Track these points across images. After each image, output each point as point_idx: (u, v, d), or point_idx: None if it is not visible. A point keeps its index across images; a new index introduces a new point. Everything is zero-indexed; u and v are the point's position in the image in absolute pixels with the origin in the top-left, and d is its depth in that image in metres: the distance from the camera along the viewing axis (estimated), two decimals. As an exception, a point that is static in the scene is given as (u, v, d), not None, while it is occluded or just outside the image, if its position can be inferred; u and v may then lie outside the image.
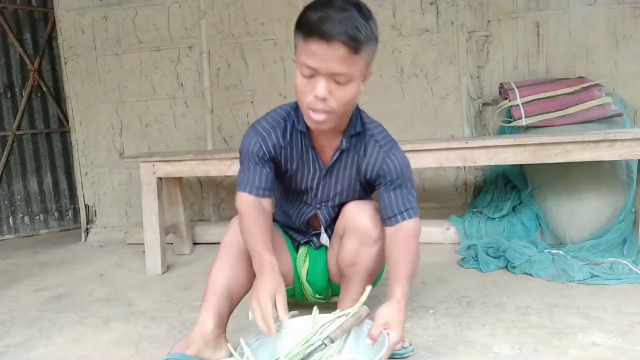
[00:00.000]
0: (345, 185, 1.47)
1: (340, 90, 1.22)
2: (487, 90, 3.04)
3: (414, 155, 2.29)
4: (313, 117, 1.26)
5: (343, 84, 1.22)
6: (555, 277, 1.98)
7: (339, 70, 1.19)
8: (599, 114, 2.56)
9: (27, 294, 2.29)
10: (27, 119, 3.78)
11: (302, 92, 1.25)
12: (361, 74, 1.25)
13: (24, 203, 3.82)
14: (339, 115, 1.28)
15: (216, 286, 1.38)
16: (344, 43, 1.16)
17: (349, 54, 1.17)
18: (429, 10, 3.05)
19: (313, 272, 1.59)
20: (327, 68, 1.18)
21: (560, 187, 2.48)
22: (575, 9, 2.89)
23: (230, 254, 1.41)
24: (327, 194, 1.49)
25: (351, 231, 1.44)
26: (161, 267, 2.48)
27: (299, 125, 1.40)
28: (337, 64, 1.18)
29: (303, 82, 1.24)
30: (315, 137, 1.42)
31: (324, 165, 1.44)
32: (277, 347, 1.30)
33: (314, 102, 1.23)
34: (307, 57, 1.19)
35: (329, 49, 1.16)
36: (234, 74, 3.31)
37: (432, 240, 2.66)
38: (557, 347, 1.42)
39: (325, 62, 1.18)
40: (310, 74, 1.21)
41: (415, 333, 1.56)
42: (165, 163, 2.49)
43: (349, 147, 1.41)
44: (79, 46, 3.45)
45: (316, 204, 1.52)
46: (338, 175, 1.46)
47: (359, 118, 1.42)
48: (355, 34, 1.16)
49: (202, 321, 1.35)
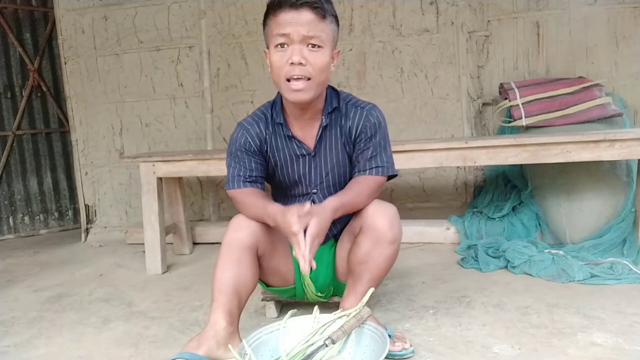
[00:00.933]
0: (335, 160, 1.53)
1: (313, 57, 1.32)
2: (487, 90, 3.04)
3: (414, 155, 2.30)
4: (292, 86, 1.34)
5: (315, 50, 1.32)
6: (555, 277, 1.98)
7: (309, 33, 1.30)
8: (599, 114, 2.56)
9: (27, 294, 2.29)
10: (27, 119, 3.79)
11: (278, 67, 1.34)
12: (330, 46, 1.36)
13: (24, 203, 3.82)
14: (316, 83, 1.36)
15: (223, 285, 1.37)
16: (311, 7, 1.30)
17: (316, 18, 1.31)
18: (429, 10, 3.05)
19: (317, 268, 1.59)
20: (299, 32, 1.30)
21: (560, 187, 2.48)
22: (575, 9, 2.89)
23: (233, 252, 1.41)
24: (320, 174, 1.54)
25: (367, 229, 1.44)
26: (161, 267, 2.48)
27: (278, 118, 1.50)
28: (308, 27, 1.30)
29: (278, 57, 1.33)
30: (293, 126, 1.51)
31: (310, 149, 1.52)
32: (278, 346, 1.30)
33: (292, 69, 1.32)
34: (279, 27, 1.31)
35: (298, 14, 1.30)
36: (234, 74, 3.31)
37: (432, 240, 2.66)
38: (557, 347, 1.42)
39: (296, 26, 1.30)
40: (283, 44, 1.32)
41: (415, 333, 1.56)
42: (165, 163, 2.49)
43: (329, 123, 1.49)
44: (79, 46, 3.45)
45: (312, 190, 1.56)
46: (326, 153, 1.53)
47: (334, 95, 1.52)
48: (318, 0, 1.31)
49: (214, 320, 1.33)
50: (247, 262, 1.42)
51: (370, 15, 3.12)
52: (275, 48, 1.34)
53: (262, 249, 1.49)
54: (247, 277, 1.41)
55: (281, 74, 1.34)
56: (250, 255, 1.43)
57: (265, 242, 1.49)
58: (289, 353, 1.22)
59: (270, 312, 1.78)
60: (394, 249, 1.45)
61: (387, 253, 1.44)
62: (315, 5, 1.31)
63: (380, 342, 1.24)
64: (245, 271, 1.41)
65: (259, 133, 1.50)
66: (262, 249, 1.49)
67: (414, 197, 3.11)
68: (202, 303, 1.99)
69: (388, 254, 1.44)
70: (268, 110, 1.53)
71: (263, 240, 1.48)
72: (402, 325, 1.62)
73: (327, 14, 1.33)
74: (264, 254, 1.51)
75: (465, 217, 2.67)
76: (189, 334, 1.67)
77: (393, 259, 1.47)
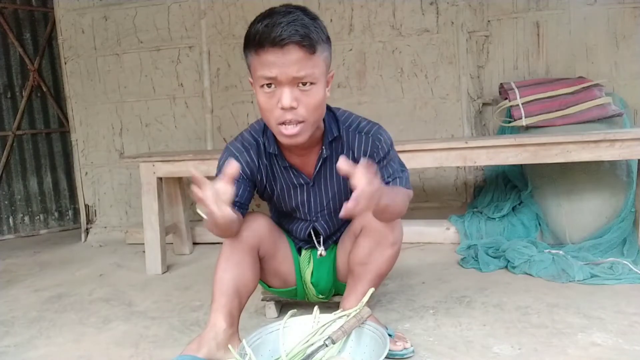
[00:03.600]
0: (335, 189, 1.46)
1: (306, 97, 1.18)
2: (487, 90, 3.04)
3: (414, 155, 2.30)
4: (285, 132, 1.21)
5: (307, 89, 1.18)
6: (555, 277, 1.97)
7: (299, 73, 1.15)
8: (599, 114, 2.56)
9: (27, 294, 2.29)
10: (27, 119, 3.79)
11: (267, 110, 1.21)
12: (323, 77, 1.21)
13: (24, 203, 3.82)
14: (311, 124, 1.24)
15: (223, 286, 1.35)
16: (298, 44, 1.13)
17: (305, 54, 1.15)
18: (429, 10, 3.05)
19: (318, 273, 1.59)
20: (287, 74, 1.14)
21: (560, 187, 2.48)
22: (575, 9, 2.89)
23: (235, 253, 1.40)
24: (319, 204, 1.49)
25: (368, 231, 1.42)
26: (161, 267, 2.48)
27: (270, 147, 1.38)
28: (296, 67, 1.14)
29: (265, 99, 1.19)
30: (289, 156, 1.40)
31: (308, 179, 1.43)
32: (278, 346, 1.30)
33: (282, 114, 1.18)
34: (263, 69, 1.16)
35: (284, 54, 1.13)
36: (234, 74, 3.31)
37: (432, 240, 2.66)
38: (557, 347, 1.42)
39: (283, 68, 1.14)
40: (270, 88, 1.17)
41: (415, 333, 1.56)
42: (165, 163, 2.48)
43: (330, 154, 1.39)
44: (79, 46, 3.45)
45: (311, 218, 1.52)
46: (326, 184, 1.45)
47: (332, 122, 1.38)
48: (306, 32, 1.14)
49: (214, 322, 1.32)
50: (248, 263, 1.41)
51: (370, 15, 3.12)
52: (261, 88, 1.20)
53: (264, 250, 1.49)
54: (248, 278, 1.40)
55: (271, 118, 1.22)
56: (252, 256, 1.42)
57: (267, 243, 1.49)
58: (289, 353, 1.22)
59: (270, 312, 1.78)
60: (395, 250, 1.45)
61: (388, 254, 1.43)
62: (303, 43, 1.13)
63: (381, 342, 1.24)
64: (246, 272, 1.40)
65: (249, 162, 1.39)
66: (263, 250, 1.49)
67: (414, 197, 3.08)
68: (202, 303, 1.99)
69: (389, 255, 1.44)
70: (260, 137, 1.40)
71: (265, 242, 1.48)
72: (402, 325, 1.62)
73: (318, 46, 1.17)
74: (265, 255, 1.51)
75: (465, 217, 2.67)
76: (189, 334, 1.67)
77: (394, 260, 1.47)
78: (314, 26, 1.16)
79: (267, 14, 1.17)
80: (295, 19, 1.14)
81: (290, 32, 1.12)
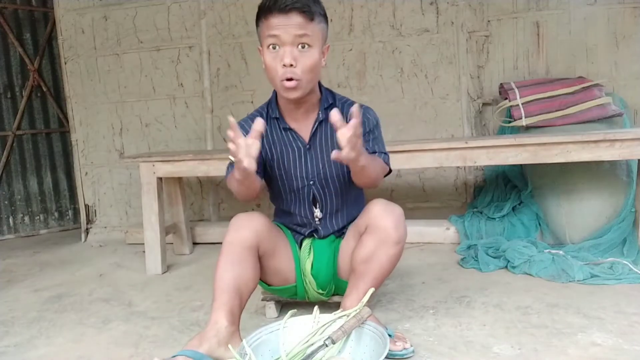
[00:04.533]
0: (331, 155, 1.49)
1: (303, 57, 1.39)
2: (487, 90, 3.04)
3: (414, 155, 2.30)
4: (286, 84, 1.40)
5: (305, 50, 1.40)
6: (555, 277, 1.98)
7: (298, 32, 1.37)
8: (599, 114, 2.56)
9: (27, 294, 2.29)
10: (27, 119, 3.79)
11: (272, 68, 1.41)
12: (320, 44, 1.42)
13: (24, 203, 3.82)
14: (306, 82, 1.42)
15: (224, 284, 1.38)
16: (299, 11, 1.37)
17: (305, 20, 1.38)
18: (429, 10, 3.05)
19: (318, 263, 1.60)
20: (289, 33, 1.37)
21: (560, 187, 2.48)
22: (575, 9, 2.89)
23: (235, 252, 1.42)
24: (316, 166, 1.56)
25: (373, 229, 1.45)
26: (161, 267, 2.48)
27: (273, 113, 1.57)
28: (297, 29, 1.37)
29: (271, 58, 1.41)
30: (289, 119, 1.56)
31: (305, 141, 1.56)
32: (278, 346, 1.30)
33: (284, 72, 1.39)
34: (270, 30, 1.39)
35: (288, 18, 1.37)
36: (234, 74, 3.31)
37: (432, 240, 2.66)
38: (557, 347, 1.42)
39: (286, 28, 1.37)
40: (275, 49, 1.39)
41: (415, 333, 1.56)
42: (165, 163, 2.49)
43: (325, 118, 1.53)
44: (79, 46, 3.45)
45: (309, 181, 1.57)
46: (322, 147, 1.55)
47: (329, 93, 1.59)
48: (306, 2, 1.38)
49: (215, 319, 1.34)
50: (249, 262, 1.43)
51: (370, 15, 3.12)
52: (267, 49, 1.41)
53: (264, 249, 1.50)
54: (248, 277, 1.42)
55: (275, 75, 1.42)
56: (252, 255, 1.44)
57: (266, 242, 1.50)
58: (289, 353, 1.22)
59: (270, 312, 1.78)
60: (399, 249, 1.46)
61: (392, 253, 1.45)
62: (303, 10, 1.38)
63: (381, 342, 1.24)
64: (246, 271, 1.42)
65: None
66: (263, 249, 1.50)
67: (414, 197, 3.11)
68: (202, 303, 1.99)
69: (392, 254, 1.45)
70: (264, 109, 1.60)
71: (265, 240, 1.49)
72: (402, 325, 1.62)
73: (315, 15, 1.40)
74: (265, 254, 1.52)
75: (465, 217, 2.67)
76: (189, 334, 1.67)
77: (397, 260, 1.48)
78: (313, 1, 1.41)
79: None
80: None
81: (293, 2, 1.37)
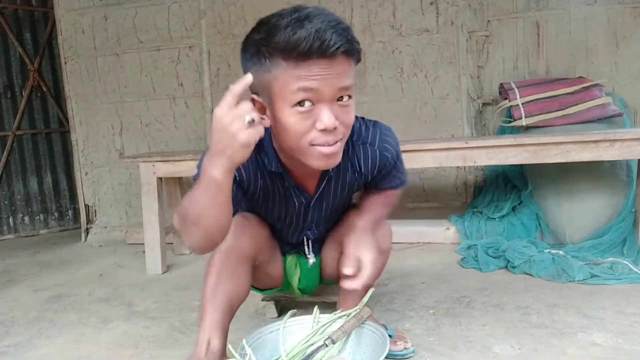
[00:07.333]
0: (336, 204, 1.39)
1: (344, 113, 1.02)
2: (487, 90, 3.04)
3: (414, 155, 2.30)
4: (325, 150, 1.03)
5: (347, 104, 1.02)
6: (555, 277, 1.97)
7: (343, 84, 0.99)
8: (599, 114, 2.56)
9: (27, 294, 2.29)
10: (27, 119, 3.79)
11: (299, 132, 1.01)
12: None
13: (24, 203, 3.82)
14: (345, 141, 1.09)
15: (217, 300, 1.25)
16: (347, 53, 0.99)
17: (350, 66, 1.01)
18: (429, 10, 3.05)
19: (305, 279, 1.54)
20: (332, 87, 0.98)
21: (560, 187, 2.48)
22: (575, 9, 2.89)
23: (228, 260, 1.29)
24: (318, 214, 1.39)
25: None
26: (161, 267, 2.48)
27: (271, 166, 1.19)
28: (341, 79, 0.98)
29: (298, 120, 1.00)
30: (294, 174, 1.25)
31: (310, 196, 1.30)
32: (278, 346, 1.29)
33: (320, 136, 1.01)
34: (302, 81, 0.97)
35: (332, 64, 0.96)
36: (234, 74, 3.31)
37: (432, 240, 2.65)
38: (557, 347, 1.42)
39: (329, 79, 0.97)
40: (305, 106, 0.99)
41: (415, 333, 1.56)
42: (165, 163, 2.48)
43: (337, 174, 1.27)
44: (79, 46, 3.45)
45: (306, 228, 1.43)
46: (329, 200, 1.35)
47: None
48: (351, 38, 0.98)
49: (207, 339, 1.22)
50: (242, 273, 1.32)
51: (370, 15, 3.12)
52: (293, 108, 0.99)
53: (260, 260, 1.41)
54: (241, 290, 1.32)
55: (302, 141, 1.02)
56: (247, 266, 1.33)
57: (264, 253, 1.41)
58: (289, 353, 1.22)
59: (270, 312, 1.78)
60: (386, 257, 1.44)
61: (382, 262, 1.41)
62: (351, 51, 0.98)
63: (381, 342, 1.24)
64: (239, 283, 1.31)
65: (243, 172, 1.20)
66: (260, 260, 1.40)
67: (414, 197, 3.10)
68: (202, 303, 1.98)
69: (382, 263, 1.42)
70: (255, 157, 1.19)
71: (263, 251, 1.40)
72: (402, 325, 1.62)
73: (360, 53, 1.03)
74: (261, 264, 1.42)
75: (465, 217, 2.67)
76: (189, 334, 1.67)
77: (383, 267, 1.46)
78: (351, 30, 1.00)
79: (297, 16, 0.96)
80: (336, 22, 0.97)
81: (339, 40, 0.95)
